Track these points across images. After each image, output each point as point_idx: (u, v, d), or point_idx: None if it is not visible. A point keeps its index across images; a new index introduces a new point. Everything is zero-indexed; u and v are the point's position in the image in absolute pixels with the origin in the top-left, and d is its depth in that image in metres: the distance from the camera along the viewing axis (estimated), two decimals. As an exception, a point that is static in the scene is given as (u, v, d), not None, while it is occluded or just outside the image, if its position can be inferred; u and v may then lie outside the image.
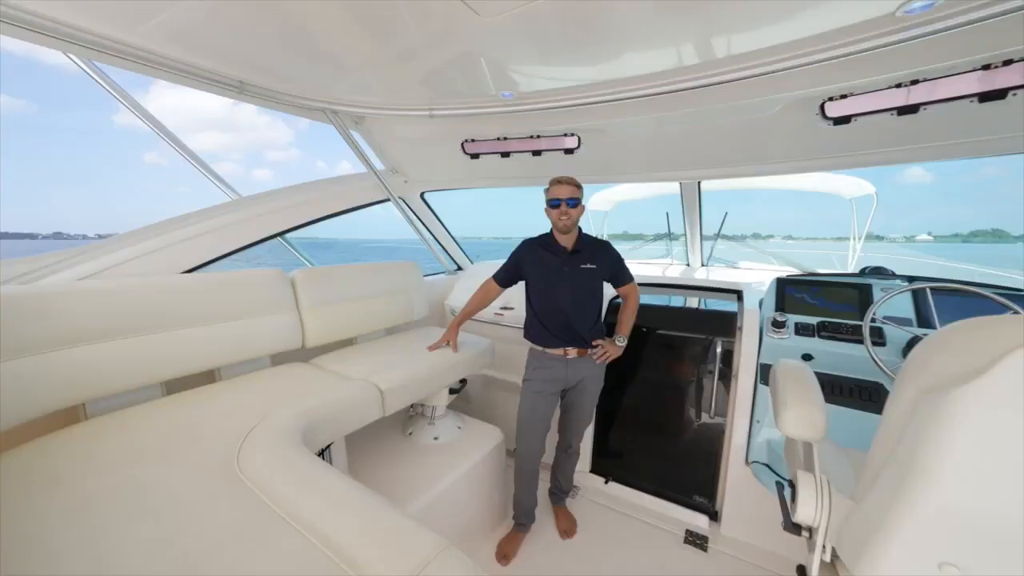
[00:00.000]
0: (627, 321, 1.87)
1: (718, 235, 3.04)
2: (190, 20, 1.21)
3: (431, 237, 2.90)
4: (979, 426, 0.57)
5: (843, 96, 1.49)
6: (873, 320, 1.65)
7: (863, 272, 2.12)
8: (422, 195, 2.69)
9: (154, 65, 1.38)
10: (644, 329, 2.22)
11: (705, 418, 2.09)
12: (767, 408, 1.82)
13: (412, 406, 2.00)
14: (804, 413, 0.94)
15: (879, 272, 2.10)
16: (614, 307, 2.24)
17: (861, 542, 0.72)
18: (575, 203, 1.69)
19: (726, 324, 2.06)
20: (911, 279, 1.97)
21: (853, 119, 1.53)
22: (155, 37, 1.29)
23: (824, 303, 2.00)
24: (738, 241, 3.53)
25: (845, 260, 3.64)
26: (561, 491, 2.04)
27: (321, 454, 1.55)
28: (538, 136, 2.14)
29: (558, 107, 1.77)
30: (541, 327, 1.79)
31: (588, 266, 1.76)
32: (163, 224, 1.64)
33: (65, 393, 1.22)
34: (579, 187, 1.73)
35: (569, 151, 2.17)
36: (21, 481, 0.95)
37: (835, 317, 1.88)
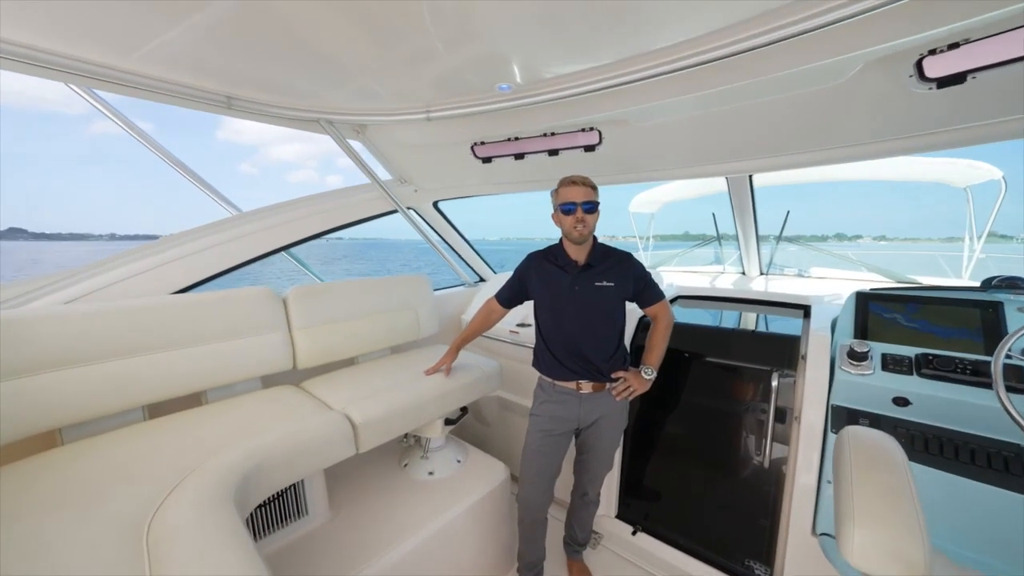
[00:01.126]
0: (656, 348, 1.55)
1: (780, 237, 2.55)
2: (176, 38, 1.16)
3: (447, 248, 2.75)
4: None
5: (952, 46, 1.08)
6: (1009, 356, 1.16)
7: (989, 284, 1.58)
8: (435, 204, 2.55)
9: (142, 88, 1.36)
10: (686, 355, 1.86)
11: (760, 462, 1.67)
12: None
13: (406, 436, 1.83)
14: (888, 537, 0.60)
15: (1015, 285, 1.54)
16: (646, 325, 1.91)
17: None
18: (592, 208, 1.42)
19: (786, 351, 1.64)
20: None
21: (968, 77, 1.10)
22: (144, 60, 1.27)
23: (928, 327, 1.51)
24: (809, 244, 2.95)
25: (959, 267, 2.89)
26: (576, 542, 1.74)
27: (281, 494, 1.44)
28: (552, 134, 1.89)
29: (570, 95, 1.51)
30: (550, 355, 1.53)
31: (604, 284, 1.48)
32: (159, 242, 1.64)
33: (38, 419, 1.21)
34: (595, 188, 1.46)
35: (589, 148, 1.90)
36: None
37: (945, 348, 1.39)
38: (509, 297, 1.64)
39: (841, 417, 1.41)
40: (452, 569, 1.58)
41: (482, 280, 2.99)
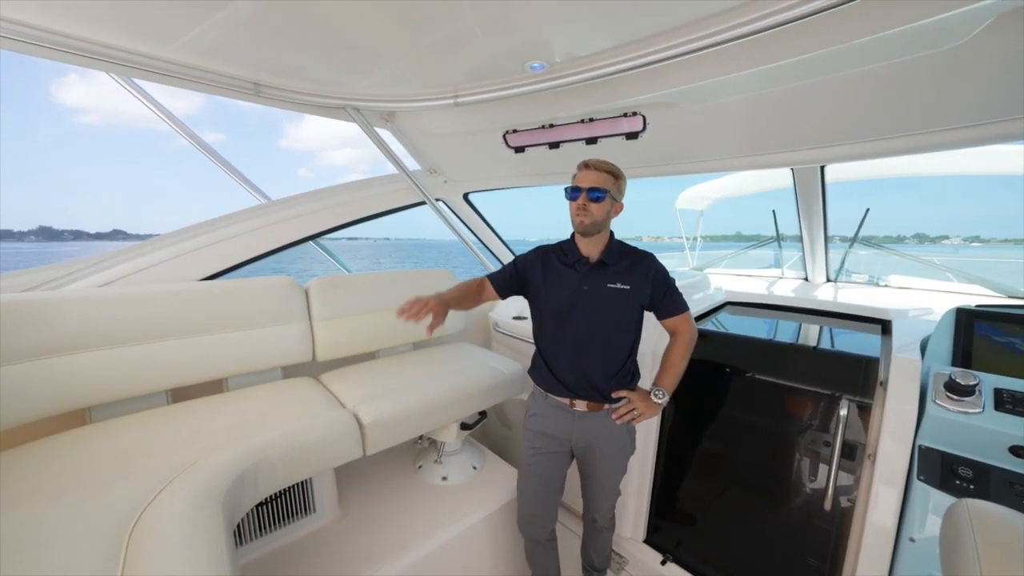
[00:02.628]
0: (673, 369, 1.32)
1: (855, 239, 2.22)
2: (211, 28, 1.14)
3: (477, 241, 2.65)
4: None
5: None
6: None
7: None
8: (465, 196, 2.46)
9: (174, 76, 1.37)
10: (727, 369, 1.64)
11: (817, 499, 1.43)
12: (926, 519, 1.14)
13: (420, 438, 1.76)
14: None
15: None
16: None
17: None
18: (600, 196, 1.20)
19: (860, 374, 1.39)
20: None
21: None
22: (180, 49, 1.27)
23: (1056, 356, 1.20)
24: (886, 247, 2.55)
25: None
26: (594, 568, 1.58)
27: (289, 490, 1.41)
28: (590, 120, 1.73)
29: (610, 73, 1.34)
30: (544, 364, 1.34)
31: (618, 286, 1.26)
32: (189, 229, 1.67)
33: (68, 397, 1.24)
34: (613, 175, 1.25)
35: (632, 135, 1.71)
36: None
37: None
38: (501, 285, 1.38)
39: (932, 463, 1.15)
40: (464, 581, 1.49)
41: (513, 276, 2.87)
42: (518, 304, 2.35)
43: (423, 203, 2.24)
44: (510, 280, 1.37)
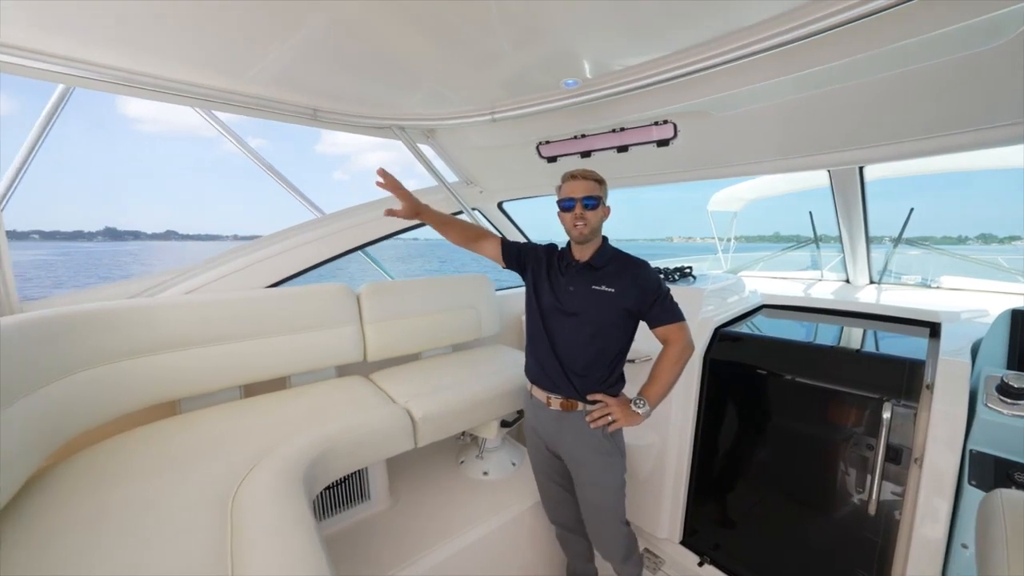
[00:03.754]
0: (659, 380, 1.27)
1: (899, 239, 2.15)
2: (273, 61, 1.30)
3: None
4: None
5: None
6: None
7: None
8: (500, 205, 2.57)
9: (245, 107, 1.55)
10: (760, 371, 1.64)
11: (862, 505, 1.41)
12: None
13: (463, 434, 1.86)
14: None
15: None
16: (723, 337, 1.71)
17: None
18: (594, 203, 1.26)
19: (904, 377, 1.36)
20: None
21: None
22: (242, 81, 1.44)
23: (1120, 359, 1.15)
24: (936, 247, 2.44)
25: None
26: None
27: (347, 478, 1.53)
28: (621, 129, 1.79)
29: (641, 86, 1.40)
30: (531, 356, 1.39)
31: (602, 288, 1.28)
32: (256, 242, 1.86)
33: (164, 390, 1.43)
34: (600, 182, 1.31)
35: (663, 143, 1.76)
36: (93, 472, 1.09)
37: None
38: (509, 251, 1.46)
39: (984, 468, 1.13)
40: (503, 570, 1.57)
41: (545, 281, 2.95)
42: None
43: (460, 212, 2.37)
44: (519, 254, 1.46)
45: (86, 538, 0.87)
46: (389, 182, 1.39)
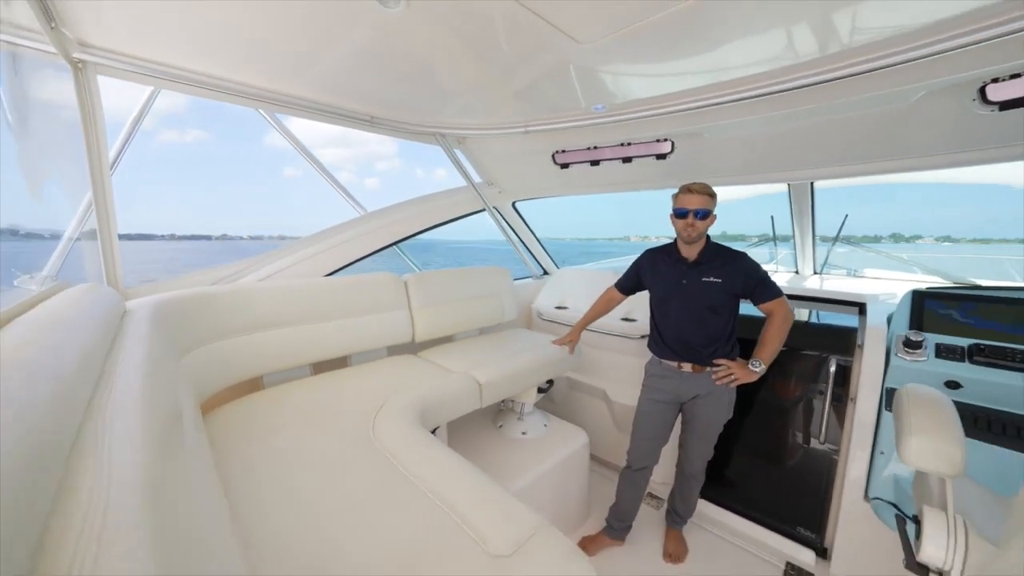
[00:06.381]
0: (768, 344, 1.59)
1: (836, 239, 2.70)
2: (333, 70, 1.50)
3: (521, 243, 3.07)
4: None
5: (1014, 76, 1.26)
6: None
7: None
8: (513, 204, 2.87)
9: (306, 109, 1.73)
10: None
11: (815, 444, 1.90)
12: (890, 440, 1.60)
13: (503, 401, 2.16)
14: (934, 442, 0.85)
15: None
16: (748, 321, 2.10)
17: None
18: (705, 215, 1.55)
19: (843, 340, 1.85)
20: None
21: None
22: (309, 87, 1.63)
23: (981, 322, 1.68)
24: (864, 245, 3.06)
25: None
26: (677, 513, 1.95)
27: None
28: (628, 143, 2.15)
29: (653, 115, 1.78)
30: (659, 338, 1.73)
31: (711, 279, 1.60)
32: (314, 236, 2.04)
33: (251, 367, 1.61)
34: (712, 196, 1.58)
35: (661, 156, 2.14)
36: (224, 434, 1.29)
37: (997, 340, 1.57)
38: (626, 286, 1.86)
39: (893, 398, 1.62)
40: (541, 514, 1.89)
41: (547, 273, 3.29)
42: (560, 294, 2.78)
43: (483, 210, 2.64)
44: (632, 283, 1.84)
45: (278, 465, 1.08)
46: (565, 341, 2.01)
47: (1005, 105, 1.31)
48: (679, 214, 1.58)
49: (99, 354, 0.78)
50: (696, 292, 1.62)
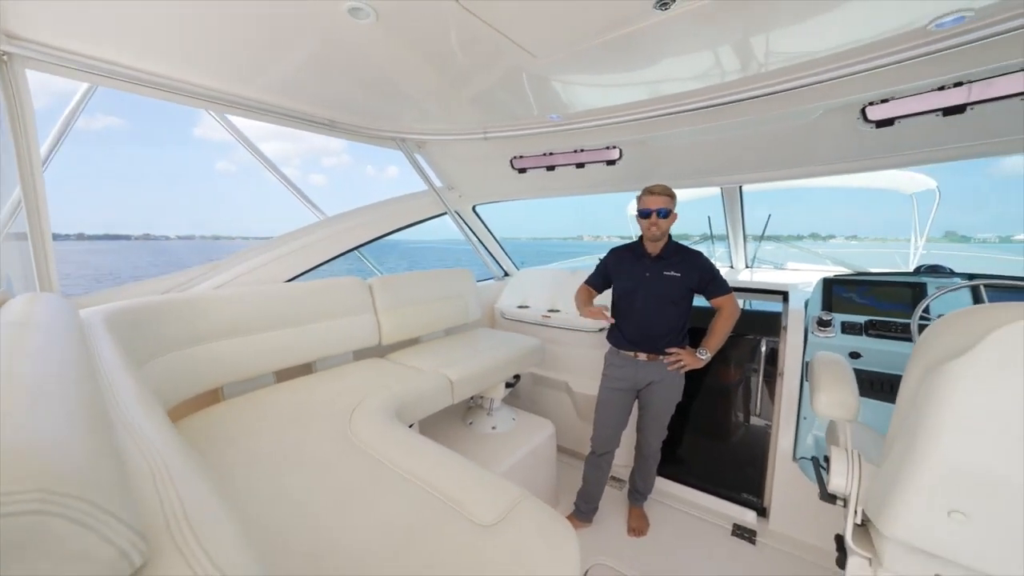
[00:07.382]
0: (715, 335, 1.75)
1: (762, 237, 3.05)
2: (293, 74, 1.50)
3: (481, 246, 3.14)
4: (968, 392, 0.68)
5: (884, 100, 1.55)
6: (926, 317, 1.66)
7: (918, 271, 2.11)
8: (474, 208, 2.94)
9: (262, 111, 1.70)
10: None
11: (753, 420, 2.15)
12: (809, 407, 1.87)
13: (472, 399, 2.22)
14: (835, 395, 1.05)
15: (936, 270, 2.08)
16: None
17: (883, 499, 0.82)
18: (666, 213, 1.69)
19: (771, 324, 2.12)
20: (971, 276, 1.93)
21: (896, 121, 1.58)
22: (266, 90, 1.61)
23: (873, 302, 2.00)
24: (787, 242, 3.49)
25: (908, 260, 3.50)
26: (638, 491, 2.09)
27: None
28: (581, 150, 2.31)
29: (603, 125, 1.94)
30: (618, 331, 1.85)
31: (671, 273, 1.74)
32: (272, 241, 1.98)
33: (209, 378, 1.54)
34: (672, 196, 1.72)
35: (611, 162, 2.32)
36: (195, 443, 1.24)
37: (885, 316, 1.89)
38: (598, 283, 1.94)
39: None
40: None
41: (507, 275, 3.39)
42: (521, 294, 2.88)
43: (444, 214, 2.69)
44: (601, 278, 1.93)
45: (261, 468, 1.07)
46: (600, 315, 1.79)
47: (880, 124, 1.60)
48: (643, 214, 1.71)
49: (84, 363, 0.75)
50: (658, 284, 1.76)
